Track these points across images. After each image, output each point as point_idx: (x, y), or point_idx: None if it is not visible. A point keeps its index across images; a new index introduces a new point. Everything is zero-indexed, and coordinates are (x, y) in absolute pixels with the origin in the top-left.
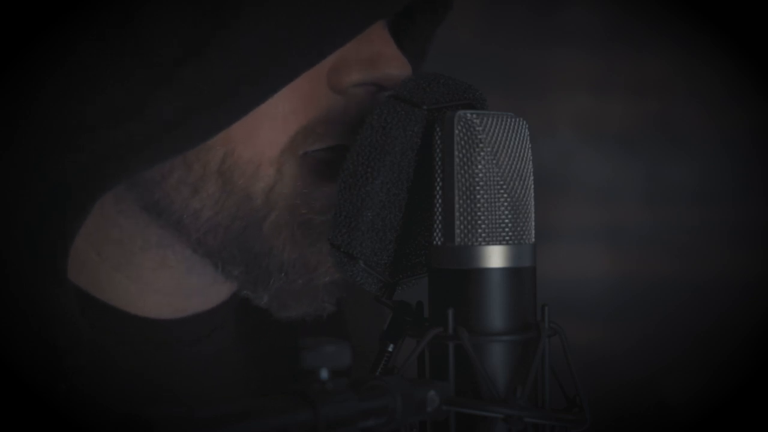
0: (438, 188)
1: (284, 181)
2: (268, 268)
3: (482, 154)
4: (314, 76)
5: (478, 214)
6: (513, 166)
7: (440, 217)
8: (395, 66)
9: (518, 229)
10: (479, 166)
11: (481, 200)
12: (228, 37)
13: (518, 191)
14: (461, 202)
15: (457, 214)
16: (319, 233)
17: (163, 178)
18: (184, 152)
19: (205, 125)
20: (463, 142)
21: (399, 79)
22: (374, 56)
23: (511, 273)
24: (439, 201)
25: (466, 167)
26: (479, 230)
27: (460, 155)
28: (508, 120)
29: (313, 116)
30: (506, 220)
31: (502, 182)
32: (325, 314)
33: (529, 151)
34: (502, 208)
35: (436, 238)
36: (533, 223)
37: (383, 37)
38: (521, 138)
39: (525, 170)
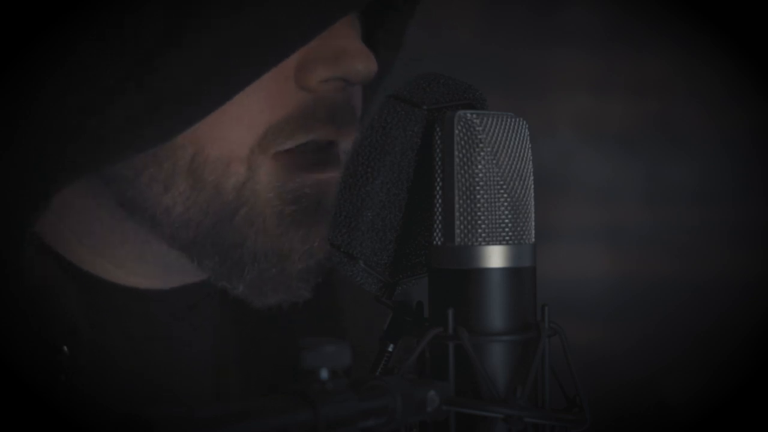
0: (438, 188)
1: (256, 178)
2: (241, 259)
3: (482, 154)
4: (281, 75)
5: (478, 214)
6: (513, 166)
7: (440, 217)
8: (360, 60)
9: (518, 229)
10: (479, 166)
11: (481, 200)
12: (193, 36)
13: (518, 191)
14: (461, 202)
15: (457, 214)
16: (289, 222)
17: (136, 175)
18: (151, 148)
19: (171, 122)
20: (463, 142)
21: (364, 73)
22: (339, 52)
23: (511, 273)
24: (439, 201)
25: (466, 167)
26: (479, 230)
27: (460, 155)
28: (508, 120)
29: (282, 114)
30: (506, 220)
31: (502, 182)
32: (302, 301)
33: (529, 151)
34: (502, 208)
35: (436, 238)
36: (533, 223)
37: (347, 32)
38: (521, 138)
39: (525, 170)
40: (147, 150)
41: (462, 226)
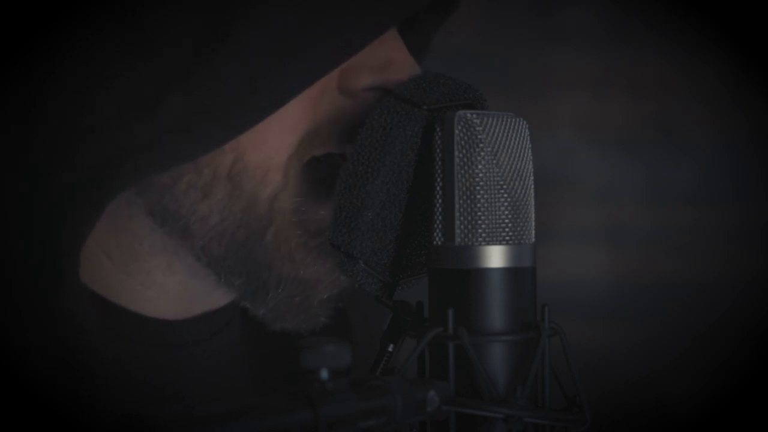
0: (438, 188)
1: (288, 190)
2: (266, 283)
3: (482, 154)
4: (325, 81)
5: (478, 214)
6: (513, 166)
7: (440, 217)
8: (407, 72)
9: (518, 229)
10: (479, 166)
11: (481, 200)
12: (241, 44)
13: (518, 191)
14: (461, 202)
15: (457, 214)
16: (317, 254)
17: (174, 182)
18: (197, 157)
19: (217, 131)
20: (463, 142)
21: None
22: (386, 62)
23: (511, 273)
24: (439, 201)
25: (466, 167)
26: (479, 230)
27: (460, 155)
28: (508, 120)
29: (322, 119)
30: (506, 220)
31: (502, 182)
32: (319, 327)
33: (529, 151)
34: (502, 208)
35: (436, 238)
36: (533, 223)
37: (395, 41)
38: (521, 138)
39: (525, 170)
40: (198, 156)
41: (462, 226)
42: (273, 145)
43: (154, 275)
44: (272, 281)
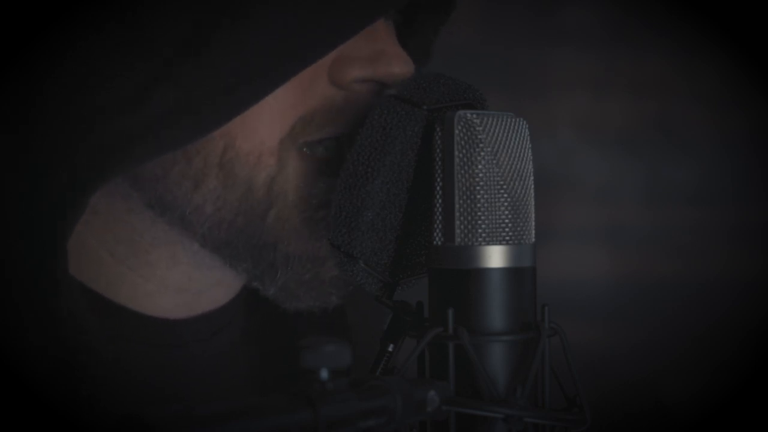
0: (438, 188)
1: (285, 173)
2: (274, 262)
3: (482, 154)
4: (315, 70)
5: (478, 214)
6: (513, 166)
7: (440, 217)
8: (397, 64)
9: (518, 229)
10: (479, 166)
11: (481, 200)
12: (231, 31)
13: (518, 191)
14: (461, 202)
15: (457, 214)
16: (323, 228)
17: (165, 172)
18: (184, 146)
19: (206, 119)
20: (463, 142)
21: (401, 77)
22: (377, 53)
23: (511, 273)
24: (439, 201)
25: (466, 167)
26: (479, 230)
27: (460, 155)
28: (508, 120)
29: (312, 107)
30: (506, 220)
31: (502, 182)
32: (331, 306)
33: (529, 151)
34: (502, 208)
35: (436, 238)
36: (533, 223)
37: (387, 34)
38: (521, 138)
39: (525, 170)
40: (185, 145)
41: (462, 226)
42: (263, 131)
43: (155, 267)
44: (280, 259)
